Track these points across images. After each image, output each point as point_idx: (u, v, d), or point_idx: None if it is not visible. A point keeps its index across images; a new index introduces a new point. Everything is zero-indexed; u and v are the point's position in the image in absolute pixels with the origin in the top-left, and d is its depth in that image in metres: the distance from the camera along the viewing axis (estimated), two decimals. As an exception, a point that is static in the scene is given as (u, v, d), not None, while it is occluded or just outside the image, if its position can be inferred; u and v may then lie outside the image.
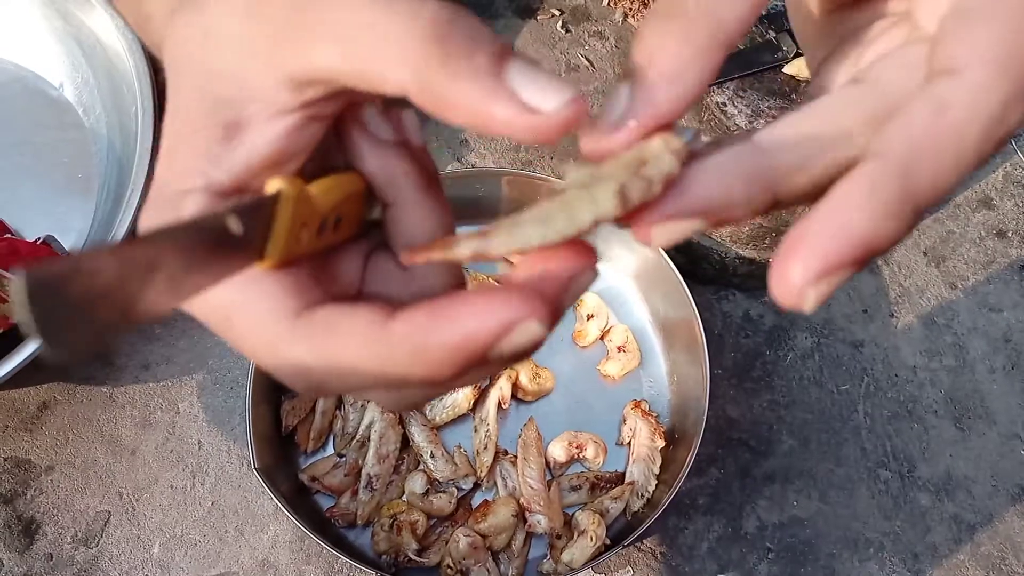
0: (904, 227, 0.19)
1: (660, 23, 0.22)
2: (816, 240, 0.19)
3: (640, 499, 0.64)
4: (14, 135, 0.76)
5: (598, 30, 0.86)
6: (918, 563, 0.67)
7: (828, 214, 0.19)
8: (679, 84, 0.21)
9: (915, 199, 0.19)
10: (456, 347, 0.21)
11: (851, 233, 0.19)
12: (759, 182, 0.20)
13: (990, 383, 0.72)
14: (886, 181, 0.19)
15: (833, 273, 0.19)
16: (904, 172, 0.19)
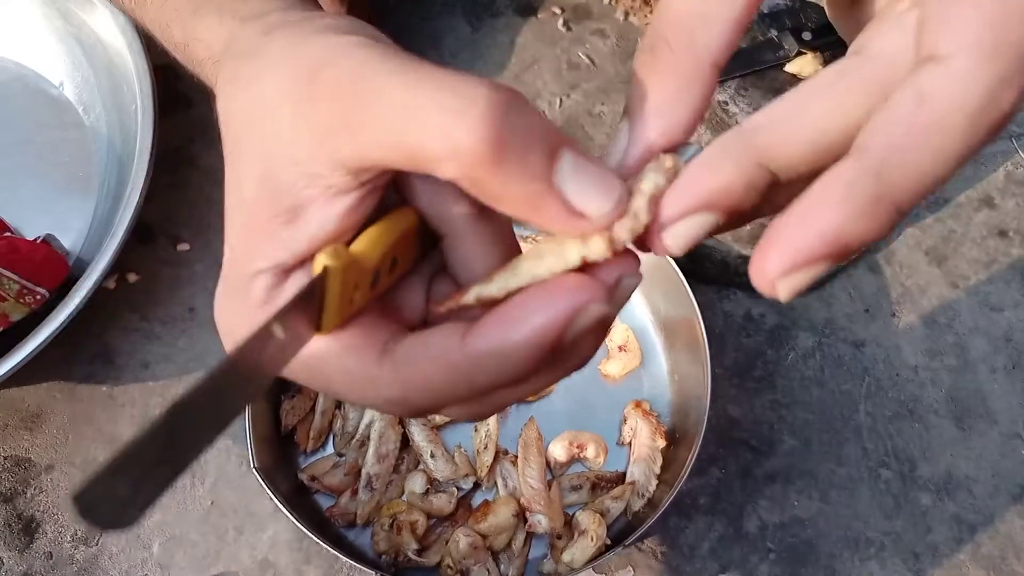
0: (880, 226, 0.19)
1: (646, 58, 0.22)
2: (791, 235, 0.19)
3: (641, 499, 0.64)
4: (14, 134, 0.76)
5: (599, 28, 0.86)
6: (919, 563, 0.66)
7: (804, 210, 0.19)
8: (668, 116, 0.22)
9: (892, 198, 0.19)
10: (532, 344, 0.22)
11: (824, 231, 0.19)
12: (748, 160, 0.20)
13: (991, 383, 0.72)
14: (862, 180, 0.18)
15: (804, 267, 0.19)
16: (880, 170, 0.18)
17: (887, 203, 0.19)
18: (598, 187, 0.22)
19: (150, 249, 0.75)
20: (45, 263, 0.67)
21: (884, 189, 0.18)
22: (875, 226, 0.19)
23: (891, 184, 0.18)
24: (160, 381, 0.70)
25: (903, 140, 0.18)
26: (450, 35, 0.85)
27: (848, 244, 0.19)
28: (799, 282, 0.20)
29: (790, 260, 0.19)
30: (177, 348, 0.72)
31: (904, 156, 0.18)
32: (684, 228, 0.21)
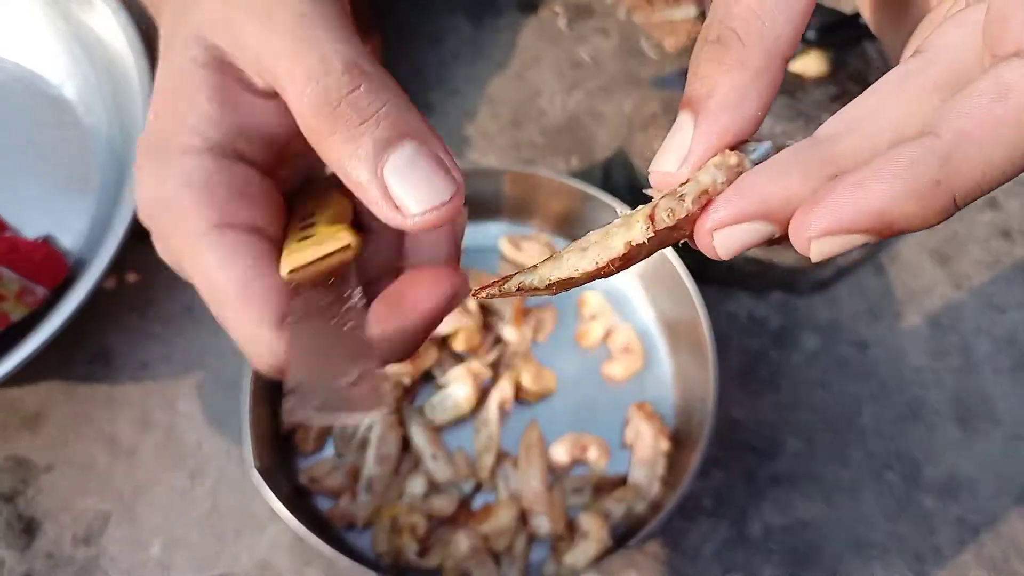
0: (931, 213, 0.19)
1: (713, 50, 0.22)
2: (839, 198, 0.18)
3: (643, 501, 0.64)
4: (14, 134, 0.75)
5: (601, 27, 0.85)
6: (922, 565, 0.66)
7: (860, 178, 0.19)
8: (741, 111, 0.21)
9: (951, 187, 0.18)
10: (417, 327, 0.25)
11: (873, 203, 0.18)
12: (819, 172, 0.20)
13: (995, 384, 0.72)
14: (926, 161, 0.18)
15: (843, 234, 0.19)
16: (948, 156, 0.18)
17: (945, 190, 0.18)
18: (423, 184, 0.22)
19: (149, 249, 0.74)
20: (45, 263, 0.66)
21: (946, 175, 0.18)
22: (926, 211, 0.18)
23: (955, 172, 0.18)
24: (159, 381, 0.70)
25: (977, 130, 0.18)
26: (451, 34, 0.84)
27: (893, 223, 0.18)
28: (834, 247, 0.19)
29: (832, 224, 0.19)
30: (176, 347, 0.71)
31: (975, 146, 0.18)
32: (735, 233, 0.20)
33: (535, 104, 0.82)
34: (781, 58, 0.22)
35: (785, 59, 0.22)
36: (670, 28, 0.84)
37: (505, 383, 0.65)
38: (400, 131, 0.22)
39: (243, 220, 0.26)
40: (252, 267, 0.25)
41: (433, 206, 0.22)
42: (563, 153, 0.80)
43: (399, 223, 0.22)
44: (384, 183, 0.22)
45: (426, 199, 0.22)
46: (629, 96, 0.82)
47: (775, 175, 0.20)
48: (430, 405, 0.66)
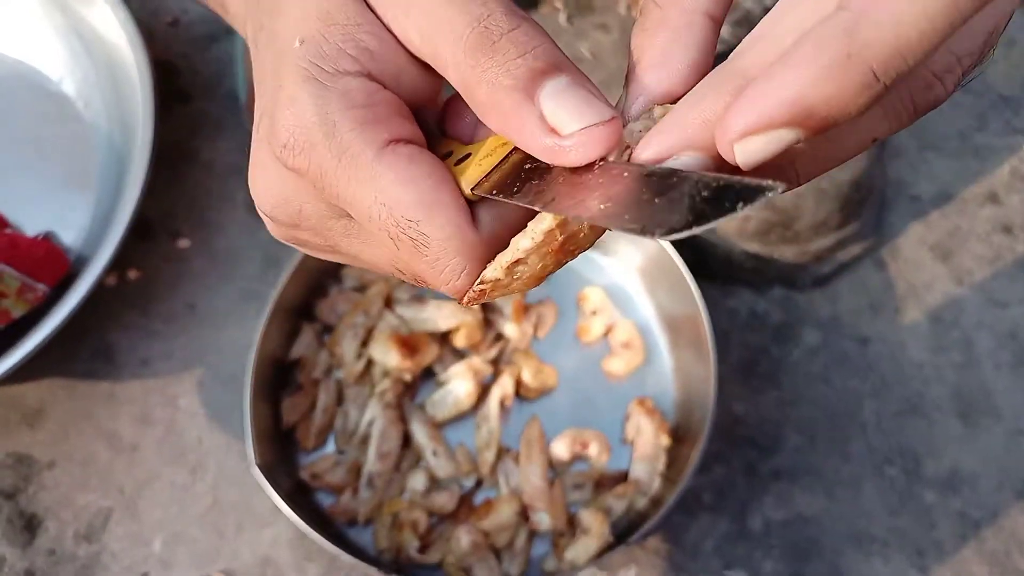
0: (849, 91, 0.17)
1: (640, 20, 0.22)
2: (753, 95, 0.18)
3: (644, 497, 0.64)
4: (14, 129, 0.75)
5: (601, 22, 0.85)
6: (923, 559, 0.66)
7: (772, 71, 0.18)
8: (666, 68, 0.22)
9: (864, 58, 0.17)
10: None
11: (787, 92, 0.17)
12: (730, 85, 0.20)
13: (996, 379, 0.72)
14: (833, 36, 0.17)
15: (764, 131, 0.18)
16: (854, 27, 0.17)
17: (858, 63, 0.17)
18: (583, 107, 0.21)
19: (150, 245, 0.75)
20: (45, 259, 0.66)
21: (856, 47, 0.17)
22: (843, 90, 0.17)
23: (865, 42, 0.17)
24: (160, 378, 0.70)
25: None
26: (452, 29, 0.84)
27: (814, 109, 0.17)
28: (760, 148, 0.18)
29: (751, 121, 0.18)
30: (177, 345, 0.71)
31: (881, 10, 0.17)
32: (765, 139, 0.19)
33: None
34: (702, 15, 0.22)
35: (709, 16, 0.22)
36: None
37: (506, 379, 0.65)
38: (555, 64, 0.22)
39: (407, 135, 0.25)
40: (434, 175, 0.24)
41: (592, 123, 0.21)
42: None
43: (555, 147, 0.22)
44: (540, 107, 0.22)
45: (581, 118, 0.21)
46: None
47: (690, 102, 0.20)
48: (431, 401, 0.66)
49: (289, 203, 0.26)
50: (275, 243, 0.75)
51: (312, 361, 0.67)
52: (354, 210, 0.24)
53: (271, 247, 0.75)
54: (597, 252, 0.73)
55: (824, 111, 0.17)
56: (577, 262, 0.73)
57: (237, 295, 0.73)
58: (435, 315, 0.66)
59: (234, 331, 0.72)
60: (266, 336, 0.62)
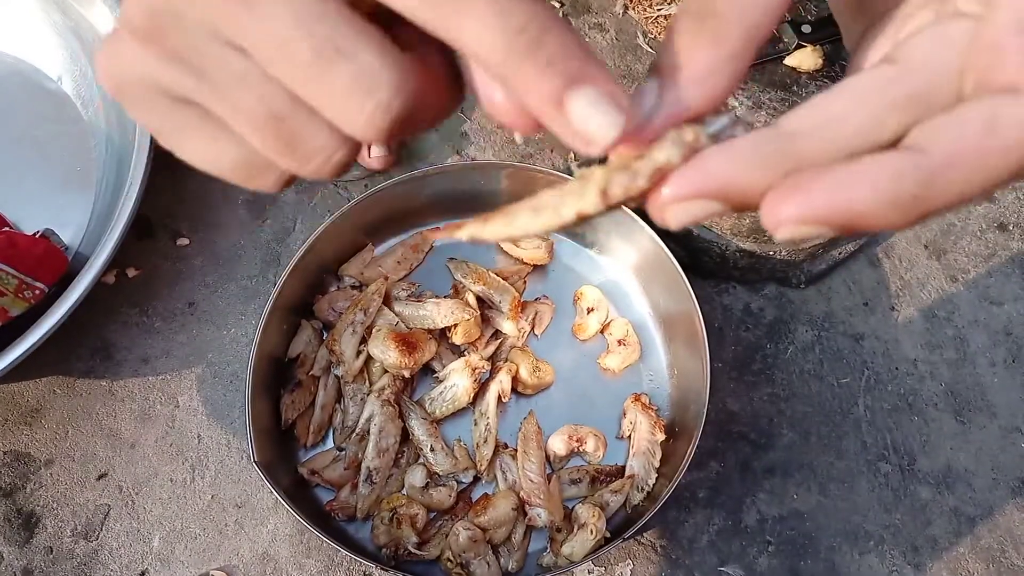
0: (903, 221, 0.19)
1: (692, 23, 0.22)
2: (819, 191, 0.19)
3: (640, 492, 0.64)
4: (13, 128, 0.75)
5: (598, 22, 0.86)
6: (918, 556, 0.66)
7: (843, 176, 0.19)
8: (710, 86, 0.21)
9: (929, 204, 0.19)
10: None
11: (851, 204, 0.19)
12: (779, 165, 0.20)
13: (991, 376, 0.72)
14: (912, 176, 0.19)
15: (816, 224, 0.19)
16: (933, 176, 0.19)
17: (921, 204, 0.19)
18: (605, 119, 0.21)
19: (149, 244, 0.75)
20: (44, 258, 0.67)
21: (927, 192, 0.19)
22: (897, 219, 0.19)
23: (936, 190, 0.19)
24: (160, 376, 0.70)
25: (966, 157, 0.19)
26: (449, 29, 0.85)
27: (865, 223, 0.19)
28: (799, 234, 0.20)
29: (807, 213, 0.19)
30: (177, 343, 0.72)
31: (961, 171, 0.19)
32: (690, 208, 0.21)
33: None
34: (755, 45, 0.22)
35: (758, 47, 0.22)
36: (667, 23, 0.84)
37: (503, 376, 0.66)
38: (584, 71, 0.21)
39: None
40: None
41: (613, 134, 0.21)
42: (560, 148, 0.80)
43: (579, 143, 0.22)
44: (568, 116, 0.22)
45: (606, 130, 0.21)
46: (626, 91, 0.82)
47: (739, 163, 0.20)
48: (429, 398, 0.66)
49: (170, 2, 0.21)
50: (275, 242, 0.75)
51: (311, 358, 0.67)
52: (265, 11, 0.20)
53: (271, 246, 0.75)
54: (593, 251, 0.73)
55: (870, 225, 0.19)
56: (574, 261, 0.73)
57: (236, 293, 0.73)
58: (433, 312, 0.67)
59: (233, 329, 0.72)
60: (265, 334, 0.63)
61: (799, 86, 0.67)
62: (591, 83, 0.22)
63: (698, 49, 0.21)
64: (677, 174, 0.21)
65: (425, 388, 0.68)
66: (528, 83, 0.22)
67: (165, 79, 0.22)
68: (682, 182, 0.21)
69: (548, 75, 0.21)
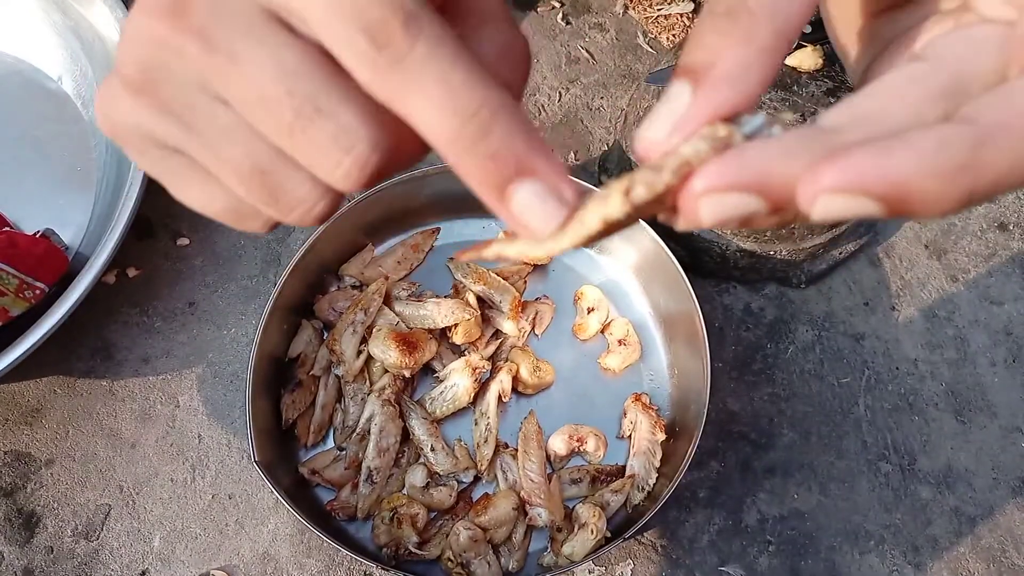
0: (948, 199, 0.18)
1: (721, 21, 0.21)
2: (861, 157, 0.18)
3: (641, 492, 0.64)
4: (13, 128, 0.76)
5: (598, 22, 0.86)
6: (919, 556, 0.66)
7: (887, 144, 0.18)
8: (742, 85, 0.21)
9: (975, 175, 0.18)
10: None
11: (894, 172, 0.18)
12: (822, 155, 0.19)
13: (991, 376, 0.72)
14: (959, 143, 0.18)
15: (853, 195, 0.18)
16: (981, 142, 0.18)
17: (968, 177, 0.18)
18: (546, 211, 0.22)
19: (149, 244, 0.75)
20: (44, 258, 0.67)
21: (975, 161, 0.18)
22: (942, 195, 0.18)
23: (984, 160, 0.18)
24: (160, 375, 0.71)
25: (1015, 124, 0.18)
26: (449, 29, 0.84)
27: (908, 198, 0.18)
28: (839, 209, 0.18)
29: (849, 180, 0.18)
30: (177, 343, 0.72)
31: (1012, 139, 0.18)
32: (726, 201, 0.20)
33: (533, 99, 0.82)
34: (787, 41, 0.21)
35: (790, 43, 0.22)
36: (667, 23, 0.84)
37: (504, 376, 0.66)
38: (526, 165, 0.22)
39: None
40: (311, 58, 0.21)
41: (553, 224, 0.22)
42: (561, 147, 0.80)
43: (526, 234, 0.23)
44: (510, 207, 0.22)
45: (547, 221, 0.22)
46: (626, 91, 0.82)
47: (781, 154, 0.19)
48: (430, 397, 0.66)
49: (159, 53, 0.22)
50: (275, 242, 0.75)
51: (311, 358, 0.68)
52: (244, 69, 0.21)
53: (271, 246, 0.75)
54: (593, 251, 0.73)
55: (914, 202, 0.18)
56: (574, 261, 0.73)
57: (237, 293, 0.73)
58: (434, 312, 0.67)
59: (234, 329, 0.72)
60: (266, 333, 0.63)
61: (799, 86, 0.67)
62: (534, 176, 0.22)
63: (729, 47, 0.21)
64: (711, 163, 0.20)
65: (425, 388, 0.68)
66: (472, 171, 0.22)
67: (156, 130, 0.23)
68: (717, 172, 0.20)
69: (492, 167, 0.21)
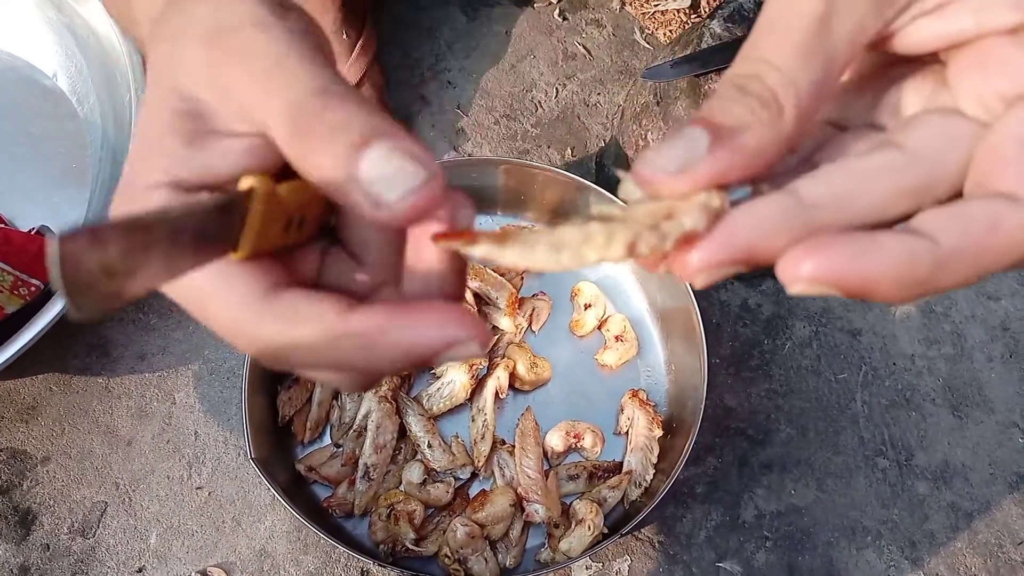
0: (900, 298, 0.21)
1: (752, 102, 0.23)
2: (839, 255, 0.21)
3: (638, 488, 0.64)
4: (8, 125, 0.75)
5: (595, 18, 0.85)
6: (916, 551, 0.67)
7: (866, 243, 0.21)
8: (756, 161, 0.23)
9: (930, 287, 0.21)
10: (403, 351, 0.23)
11: (867, 276, 0.21)
12: (800, 233, 0.22)
13: (988, 371, 0.72)
14: (924, 262, 0.21)
15: (828, 284, 0.21)
16: (942, 264, 0.21)
17: (922, 288, 0.21)
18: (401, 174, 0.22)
19: (145, 241, 0.75)
20: (39, 255, 0.66)
21: (932, 279, 0.21)
22: (897, 295, 0.21)
23: (939, 279, 0.21)
24: (156, 372, 0.70)
25: (970, 251, 0.21)
26: (446, 25, 0.84)
27: (867, 293, 0.21)
28: (808, 291, 0.21)
29: (825, 273, 0.21)
30: (173, 340, 0.71)
31: (963, 265, 0.21)
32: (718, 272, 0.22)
33: (529, 95, 0.82)
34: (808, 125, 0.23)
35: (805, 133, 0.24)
36: (663, 18, 0.84)
37: (501, 372, 0.66)
38: (369, 133, 0.23)
39: None
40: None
41: (409, 190, 0.22)
42: (557, 144, 0.80)
43: (383, 217, 0.23)
44: (361, 181, 0.23)
45: (402, 185, 0.22)
46: (622, 87, 0.82)
47: (764, 230, 0.22)
48: (426, 394, 0.66)
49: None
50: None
51: (307, 355, 0.67)
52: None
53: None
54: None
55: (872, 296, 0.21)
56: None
57: (232, 290, 0.73)
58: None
59: (229, 326, 0.72)
60: (261, 330, 0.63)
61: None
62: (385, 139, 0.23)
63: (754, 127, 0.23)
64: (706, 242, 0.22)
65: (422, 384, 0.68)
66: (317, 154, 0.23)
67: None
68: (711, 250, 0.22)
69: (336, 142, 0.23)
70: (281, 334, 0.24)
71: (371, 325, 0.23)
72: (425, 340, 0.23)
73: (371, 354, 0.24)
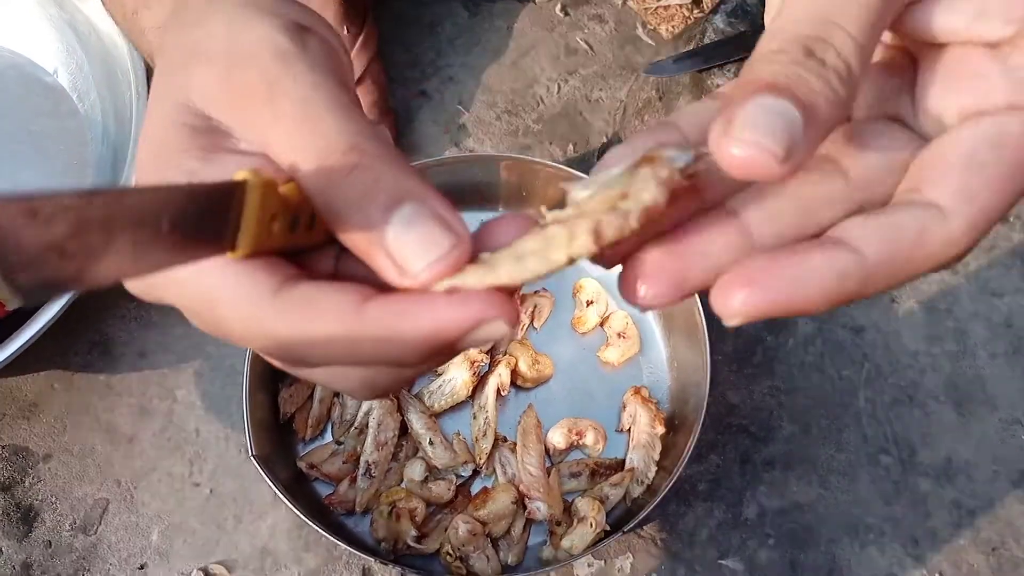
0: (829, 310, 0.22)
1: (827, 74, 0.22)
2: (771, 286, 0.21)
3: (640, 485, 0.64)
4: (8, 122, 0.75)
5: (597, 13, 0.85)
6: (919, 548, 0.66)
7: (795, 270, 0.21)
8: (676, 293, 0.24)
9: (857, 297, 0.22)
10: (426, 335, 0.22)
11: (799, 298, 0.21)
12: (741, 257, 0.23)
13: (991, 368, 0.72)
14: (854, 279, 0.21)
15: (762, 312, 0.21)
16: (870, 276, 0.21)
17: (852, 299, 0.22)
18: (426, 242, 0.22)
19: (147, 237, 0.74)
20: (41, 252, 0.66)
21: (863, 290, 0.22)
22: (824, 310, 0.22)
23: (867, 288, 0.22)
24: (158, 370, 0.70)
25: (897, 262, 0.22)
26: (447, 20, 0.84)
27: (803, 313, 0.22)
28: (744, 321, 0.22)
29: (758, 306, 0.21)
30: (174, 336, 0.71)
31: (888, 274, 0.22)
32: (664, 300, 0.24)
33: (531, 91, 0.82)
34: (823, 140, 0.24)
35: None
36: (666, 14, 0.84)
37: (502, 369, 0.66)
38: (398, 196, 0.23)
39: None
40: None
41: (436, 259, 0.22)
42: (559, 140, 0.79)
43: (406, 284, 0.23)
44: (387, 248, 0.22)
45: (426, 255, 0.22)
46: (625, 82, 0.82)
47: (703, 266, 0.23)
48: (428, 391, 0.66)
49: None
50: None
51: (309, 352, 0.67)
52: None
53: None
54: (593, 243, 0.73)
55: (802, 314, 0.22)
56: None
57: (233, 287, 0.73)
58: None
59: (231, 323, 0.72)
60: (262, 327, 0.62)
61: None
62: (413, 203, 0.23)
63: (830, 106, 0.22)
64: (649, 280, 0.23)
65: (424, 382, 0.68)
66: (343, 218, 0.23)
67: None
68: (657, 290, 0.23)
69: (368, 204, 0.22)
70: (297, 328, 0.23)
71: (392, 309, 0.22)
72: (450, 319, 0.22)
73: (393, 342, 0.22)
